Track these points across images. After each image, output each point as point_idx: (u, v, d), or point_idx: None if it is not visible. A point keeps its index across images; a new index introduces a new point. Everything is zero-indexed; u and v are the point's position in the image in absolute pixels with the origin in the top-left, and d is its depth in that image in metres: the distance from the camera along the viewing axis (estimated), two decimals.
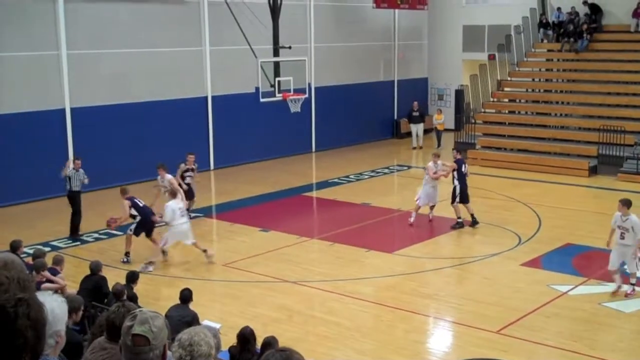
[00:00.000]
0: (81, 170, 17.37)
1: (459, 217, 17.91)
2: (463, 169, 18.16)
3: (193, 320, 9.50)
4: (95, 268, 11.55)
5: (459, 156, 18.53)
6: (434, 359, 11.16)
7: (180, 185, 17.36)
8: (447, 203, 18.42)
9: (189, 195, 18.13)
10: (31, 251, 13.21)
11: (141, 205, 15.65)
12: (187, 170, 18.56)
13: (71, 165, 17.49)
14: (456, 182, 17.98)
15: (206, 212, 19.83)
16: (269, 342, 8.24)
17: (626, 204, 13.19)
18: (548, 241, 16.52)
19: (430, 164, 18.44)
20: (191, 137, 24.66)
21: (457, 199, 17.98)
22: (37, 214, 19.60)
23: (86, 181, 17.44)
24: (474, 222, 17.88)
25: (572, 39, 29.38)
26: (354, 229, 18.14)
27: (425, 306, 13.27)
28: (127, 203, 15.47)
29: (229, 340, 8.73)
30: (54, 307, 3.94)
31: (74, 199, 17.40)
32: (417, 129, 30.16)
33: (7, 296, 1.87)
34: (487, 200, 20.35)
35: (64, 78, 21.44)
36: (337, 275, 14.69)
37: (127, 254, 15.55)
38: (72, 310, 7.85)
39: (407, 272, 14.90)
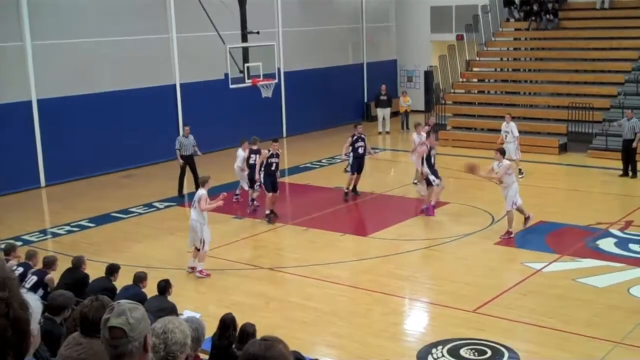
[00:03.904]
0: (191, 137, 19.80)
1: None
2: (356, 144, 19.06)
3: (171, 311, 9.43)
4: (77, 263, 11.36)
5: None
6: (412, 340, 11.19)
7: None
8: (421, 185, 18.45)
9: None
10: (2, 246, 13.03)
11: None
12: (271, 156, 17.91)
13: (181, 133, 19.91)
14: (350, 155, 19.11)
15: (179, 200, 19.70)
16: (245, 329, 8.23)
17: (503, 152, 16.12)
18: (521, 219, 16.59)
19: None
20: (161, 125, 24.50)
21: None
22: (4, 209, 19.29)
23: (196, 148, 19.91)
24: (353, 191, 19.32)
25: (538, 18, 29.53)
26: (327, 213, 18.12)
27: (401, 288, 13.33)
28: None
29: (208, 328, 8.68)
30: None
31: (188, 162, 19.72)
32: (384, 113, 29.76)
33: None
34: (459, 181, 20.42)
35: (29, 69, 21.13)
36: (313, 260, 14.68)
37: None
38: (64, 307, 7.75)
39: (383, 254, 14.93)
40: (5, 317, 1.85)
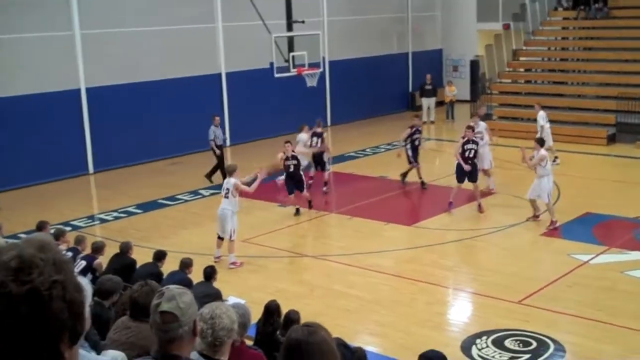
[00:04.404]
0: (220, 127, 21.03)
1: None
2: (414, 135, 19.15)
3: (216, 297, 9.53)
4: (124, 248, 11.54)
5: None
6: (456, 330, 11.15)
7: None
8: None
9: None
10: (52, 231, 13.23)
11: None
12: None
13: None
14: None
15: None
16: (290, 316, 8.30)
17: (540, 142, 15.96)
18: (567, 210, 16.39)
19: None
20: (206, 114, 24.57)
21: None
22: (53, 195, 19.66)
23: (224, 138, 21.32)
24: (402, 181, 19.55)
25: (587, 7, 29.08)
26: (372, 202, 18.12)
27: (445, 278, 13.27)
28: None
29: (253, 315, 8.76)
30: None
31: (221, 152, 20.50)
32: (430, 102, 29.65)
33: (42, 279, 1.84)
34: (505, 171, 20.26)
35: (78, 58, 21.45)
36: (357, 248, 14.69)
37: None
38: (112, 292, 7.90)
39: (427, 244, 14.87)
40: (62, 300, 1.87)
